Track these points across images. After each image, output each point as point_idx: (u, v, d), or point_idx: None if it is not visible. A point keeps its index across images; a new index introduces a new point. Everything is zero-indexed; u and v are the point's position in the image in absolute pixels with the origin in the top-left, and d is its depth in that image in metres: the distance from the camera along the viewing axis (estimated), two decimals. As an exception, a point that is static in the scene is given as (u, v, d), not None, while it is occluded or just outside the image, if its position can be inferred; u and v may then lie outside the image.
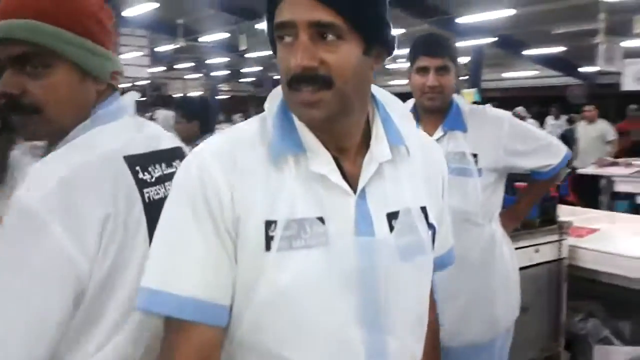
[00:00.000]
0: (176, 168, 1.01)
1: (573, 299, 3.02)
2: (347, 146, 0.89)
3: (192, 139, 3.07)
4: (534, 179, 1.97)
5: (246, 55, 17.42)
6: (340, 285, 0.83)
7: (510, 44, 15.61)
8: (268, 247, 0.81)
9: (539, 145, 1.88)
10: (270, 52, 0.89)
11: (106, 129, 0.97)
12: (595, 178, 5.83)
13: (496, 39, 14.17)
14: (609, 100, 17.83)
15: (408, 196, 0.91)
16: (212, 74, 22.69)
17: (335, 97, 0.82)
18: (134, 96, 1.08)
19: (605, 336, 3.00)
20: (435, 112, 1.82)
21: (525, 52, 16.26)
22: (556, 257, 2.78)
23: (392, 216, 0.88)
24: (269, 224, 0.81)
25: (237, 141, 0.87)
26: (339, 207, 0.84)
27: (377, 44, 0.86)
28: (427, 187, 0.96)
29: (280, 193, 0.83)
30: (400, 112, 0.96)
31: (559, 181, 2.07)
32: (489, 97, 9.20)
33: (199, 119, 3.30)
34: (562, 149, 1.94)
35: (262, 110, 0.90)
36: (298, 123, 0.87)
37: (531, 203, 2.10)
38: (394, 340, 0.87)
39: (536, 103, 14.84)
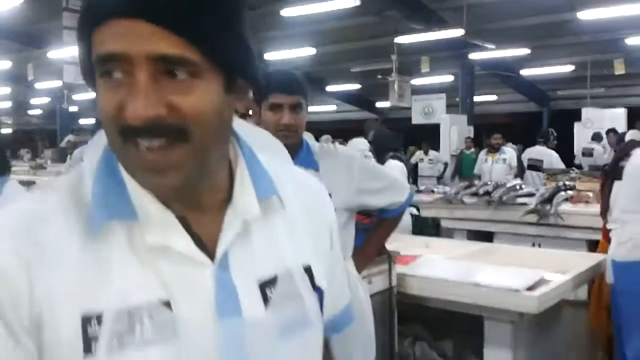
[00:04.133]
0: None
1: (400, 324, 3.10)
2: (204, 205, 0.69)
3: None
4: (383, 218, 1.96)
5: (35, 86, 15.99)
6: None
7: (312, 80, 16.42)
8: (88, 350, 0.60)
9: (387, 184, 1.90)
10: (61, 83, 0.65)
11: None
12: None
13: (299, 75, 14.80)
14: (400, 132, 19.50)
15: (288, 257, 0.73)
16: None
17: (192, 153, 0.63)
18: None
19: (432, 358, 3.12)
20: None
21: (328, 89, 17.21)
22: (387, 286, 2.81)
23: (266, 285, 0.70)
24: (87, 320, 0.60)
25: (37, 212, 0.65)
26: (191, 285, 0.65)
27: (241, 77, 0.68)
28: (313, 242, 0.78)
29: (104, 276, 0.62)
30: (273, 152, 0.80)
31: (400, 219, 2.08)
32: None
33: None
34: (406, 187, 1.98)
35: (52, 144, 0.65)
36: (128, 177, 0.66)
37: (381, 242, 2.11)
38: None
39: (338, 135, 15.69)
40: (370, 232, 2.05)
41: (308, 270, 0.75)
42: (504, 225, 5.34)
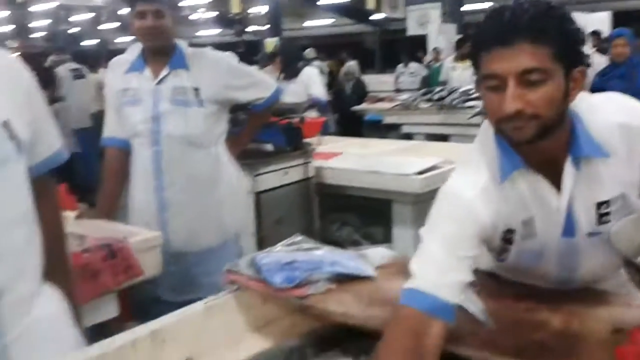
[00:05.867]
0: None
1: (333, 212, 3.60)
2: None
3: None
4: (252, 111, 2.37)
5: (31, 9, 16.11)
6: None
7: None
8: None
9: (252, 81, 2.26)
10: (59, 3, 0.96)
11: None
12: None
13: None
14: (399, 44, 19.49)
15: None
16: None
17: None
18: None
19: (356, 239, 3.62)
20: (160, 54, 2.09)
21: (320, 1, 17.08)
22: (303, 177, 3.28)
23: None
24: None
25: None
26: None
27: None
28: (11, 100, 1.03)
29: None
30: None
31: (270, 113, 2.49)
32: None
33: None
34: (272, 84, 2.35)
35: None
36: None
37: (253, 130, 2.49)
38: None
39: (335, 50, 15.77)
40: (244, 124, 2.46)
41: (6, 124, 0.99)
42: (455, 127, 5.71)
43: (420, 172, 3.10)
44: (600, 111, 1.08)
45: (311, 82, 5.15)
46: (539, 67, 0.97)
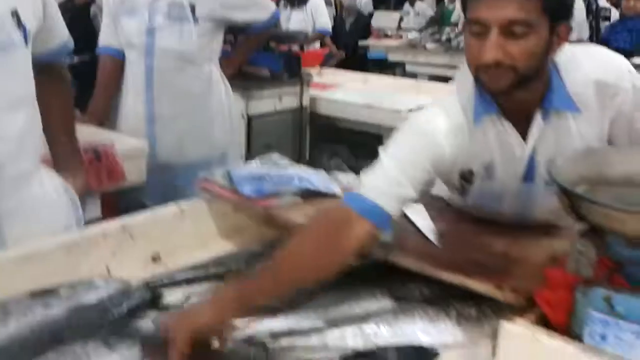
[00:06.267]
0: None
1: (324, 142, 3.65)
2: None
3: None
4: (248, 33, 2.39)
5: None
6: None
7: None
8: None
9: (250, 2, 2.27)
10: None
11: None
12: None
13: None
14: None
15: None
16: None
17: None
18: None
19: (343, 170, 3.68)
20: None
21: None
22: (298, 105, 3.31)
23: None
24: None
25: None
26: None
27: None
28: None
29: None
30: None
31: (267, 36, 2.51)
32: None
33: None
34: (271, 7, 2.35)
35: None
36: None
37: (247, 52, 2.53)
38: None
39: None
40: (239, 44, 2.47)
41: (14, 14, 1.06)
42: (459, 70, 5.68)
43: (413, 110, 3.12)
44: (580, 66, 1.08)
45: (318, 13, 5.08)
46: (525, 19, 0.96)
